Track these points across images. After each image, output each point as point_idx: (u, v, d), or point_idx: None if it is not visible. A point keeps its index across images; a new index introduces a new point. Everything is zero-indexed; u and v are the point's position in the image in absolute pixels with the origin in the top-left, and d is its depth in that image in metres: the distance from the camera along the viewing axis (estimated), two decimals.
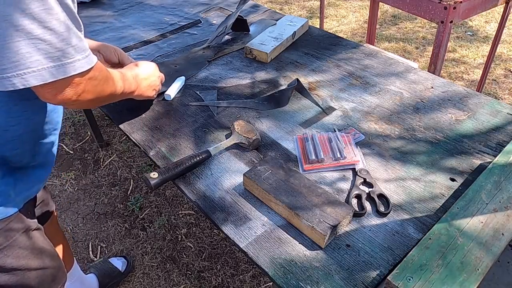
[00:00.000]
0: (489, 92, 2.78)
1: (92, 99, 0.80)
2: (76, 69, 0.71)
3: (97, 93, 0.81)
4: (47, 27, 0.65)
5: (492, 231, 0.76)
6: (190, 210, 2.05)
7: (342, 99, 1.19)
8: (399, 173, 0.95)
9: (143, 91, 1.04)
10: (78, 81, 0.73)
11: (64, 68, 0.69)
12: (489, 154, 0.98)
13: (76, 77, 0.73)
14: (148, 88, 1.05)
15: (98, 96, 0.82)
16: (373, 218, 0.85)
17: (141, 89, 1.03)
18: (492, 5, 1.85)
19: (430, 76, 1.28)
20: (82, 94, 0.76)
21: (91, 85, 0.77)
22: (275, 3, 4.23)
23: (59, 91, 0.72)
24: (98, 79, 0.79)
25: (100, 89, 0.81)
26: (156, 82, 1.09)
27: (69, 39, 0.69)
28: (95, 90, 0.79)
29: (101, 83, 0.81)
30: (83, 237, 1.91)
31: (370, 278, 0.74)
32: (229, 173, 0.97)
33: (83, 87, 0.75)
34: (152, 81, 1.07)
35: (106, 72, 0.84)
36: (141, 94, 1.03)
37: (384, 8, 3.93)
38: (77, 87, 0.74)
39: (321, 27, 2.95)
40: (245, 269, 1.78)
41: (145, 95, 1.06)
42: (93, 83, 0.78)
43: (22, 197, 0.89)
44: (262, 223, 0.85)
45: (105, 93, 0.84)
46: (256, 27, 1.58)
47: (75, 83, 0.73)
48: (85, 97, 0.77)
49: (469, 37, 3.46)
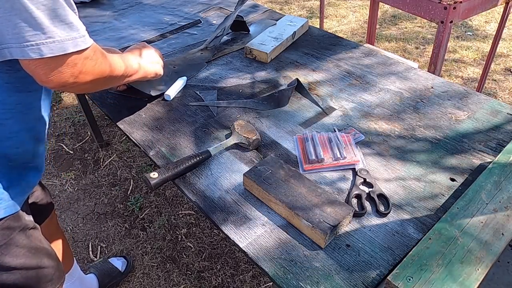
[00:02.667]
0: (489, 92, 2.78)
1: (91, 80, 0.79)
2: (74, 46, 0.71)
3: (96, 74, 0.80)
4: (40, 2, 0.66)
5: (492, 231, 0.76)
6: (190, 210, 2.05)
7: (342, 99, 1.19)
8: (399, 173, 0.95)
9: (148, 67, 1.06)
10: (74, 59, 0.73)
11: (62, 44, 0.69)
12: (489, 154, 0.98)
13: (73, 55, 0.72)
14: (152, 65, 1.08)
15: (97, 77, 0.81)
16: (373, 218, 0.85)
17: (146, 67, 1.05)
18: (492, 5, 1.85)
19: (430, 76, 1.28)
20: (80, 76, 0.75)
21: (89, 65, 0.76)
22: (275, 3, 4.23)
23: (56, 70, 0.71)
24: (95, 59, 0.78)
25: (99, 69, 0.80)
26: (158, 57, 1.12)
27: (64, 16, 0.69)
28: (94, 70, 0.78)
29: (99, 64, 0.80)
30: (83, 237, 1.91)
31: (370, 278, 0.74)
32: (229, 173, 0.97)
33: (80, 67, 0.74)
34: (155, 56, 1.10)
35: (104, 53, 0.84)
36: (146, 71, 1.05)
37: (384, 8, 3.93)
38: (74, 67, 0.73)
39: (321, 27, 2.95)
40: (245, 269, 1.78)
41: (151, 72, 1.08)
42: (91, 63, 0.77)
43: (20, 199, 0.89)
44: (262, 223, 0.85)
45: (105, 73, 0.83)
46: (256, 27, 1.58)
47: (71, 62, 0.73)
48: (83, 78, 0.76)
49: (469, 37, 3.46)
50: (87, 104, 2.16)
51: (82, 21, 0.77)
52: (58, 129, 2.53)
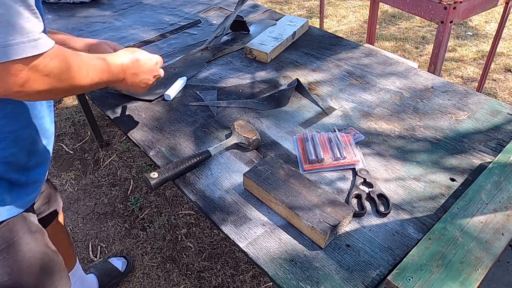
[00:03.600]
0: (489, 92, 2.78)
1: (44, 90, 0.69)
2: (15, 54, 0.61)
3: (50, 84, 0.69)
4: None
5: (492, 231, 0.76)
6: (190, 210, 2.05)
7: (342, 99, 1.19)
8: (399, 173, 0.95)
9: (129, 85, 0.95)
10: (18, 68, 0.63)
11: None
12: (489, 154, 0.98)
13: (16, 64, 0.62)
14: (136, 84, 0.96)
15: (52, 88, 0.70)
16: (373, 218, 0.85)
17: (127, 83, 0.93)
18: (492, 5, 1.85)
19: (430, 76, 1.28)
20: (26, 85, 0.65)
21: (39, 75, 0.66)
22: (275, 3, 4.23)
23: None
24: (51, 68, 0.68)
25: (56, 80, 0.70)
26: (149, 79, 0.99)
27: (8, 15, 0.59)
28: (47, 81, 0.68)
29: (58, 73, 0.69)
30: (83, 237, 1.91)
31: (370, 278, 0.74)
32: (229, 173, 0.97)
33: (25, 76, 0.64)
34: (144, 78, 0.97)
35: (70, 59, 0.73)
36: (126, 88, 0.96)
37: (384, 8, 3.93)
38: (18, 75, 0.63)
39: (321, 27, 2.95)
40: (245, 269, 1.78)
41: (131, 90, 0.99)
42: (43, 73, 0.67)
43: (22, 202, 0.88)
44: (262, 223, 0.85)
45: (64, 84, 0.72)
46: (256, 27, 1.58)
47: (14, 71, 0.62)
48: (31, 87, 0.66)
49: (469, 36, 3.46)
50: (87, 104, 2.16)
51: (82, 21, 0.74)
52: (58, 129, 2.53)
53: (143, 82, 0.98)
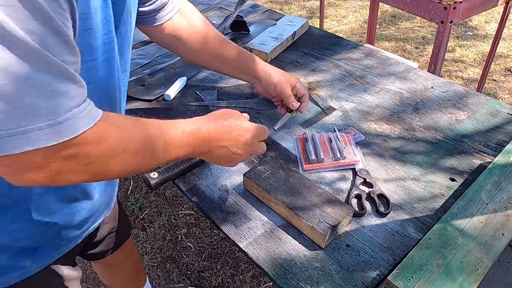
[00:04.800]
0: (489, 92, 2.78)
1: (81, 180, 0.54)
2: (32, 143, 0.45)
3: (90, 172, 0.53)
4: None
5: (492, 231, 0.76)
6: (190, 210, 2.05)
7: (342, 99, 1.19)
8: (399, 173, 0.95)
9: (215, 159, 0.77)
10: (42, 158, 0.47)
11: (6, 140, 0.43)
12: (489, 154, 0.98)
13: (36, 153, 0.46)
14: (224, 158, 0.77)
15: (93, 176, 0.54)
16: (373, 218, 0.85)
17: (213, 155, 0.75)
18: (492, 5, 1.86)
19: (430, 76, 1.28)
20: (59, 176, 0.50)
21: (73, 164, 0.50)
22: (275, 3, 4.23)
23: (13, 169, 0.47)
24: (86, 156, 0.50)
25: (96, 167, 0.53)
26: (240, 155, 0.78)
27: (21, 95, 0.42)
28: (84, 169, 0.52)
29: (97, 160, 0.52)
30: None
31: (370, 278, 0.74)
32: (229, 173, 0.97)
33: (55, 167, 0.48)
34: (235, 153, 0.76)
35: (114, 142, 0.54)
36: (212, 161, 0.79)
37: (384, 8, 3.93)
38: (45, 167, 0.48)
39: (321, 27, 2.95)
40: (245, 269, 1.78)
41: (216, 163, 0.79)
42: (79, 161, 0.50)
43: (49, 258, 0.78)
44: (262, 223, 0.85)
45: (115, 170, 0.56)
46: (256, 27, 1.58)
47: (37, 162, 0.47)
48: (65, 178, 0.51)
49: (469, 37, 3.46)
50: None
51: None
52: None
53: (233, 158, 0.77)
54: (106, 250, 1.18)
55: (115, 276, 1.40)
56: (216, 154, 0.74)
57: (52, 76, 0.44)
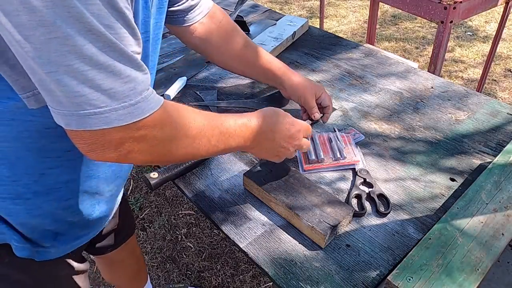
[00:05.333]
0: (489, 92, 2.78)
1: (148, 160, 0.60)
2: (109, 122, 0.51)
3: (155, 153, 0.59)
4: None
5: (492, 231, 0.76)
6: (190, 210, 2.05)
7: (342, 99, 1.19)
8: (399, 173, 0.95)
9: (261, 153, 0.80)
10: (117, 137, 0.53)
11: (87, 119, 0.50)
12: (489, 154, 0.98)
13: (111, 132, 0.52)
14: (270, 152, 0.80)
15: (157, 157, 0.61)
16: (373, 218, 0.85)
17: (260, 150, 0.79)
18: (492, 5, 1.86)
19: (430, 76, 1.28)
20: (130, 155, 0.57)
21: (142, 145, 0.57)
22: (275, 3, 4.23)
23: (93, 146, 0.54)
24: (153, 138, 0.57)
25: (161, 149, 0.59)
26: (287, 149, 0.81)
27: (103, 81, 0.49)
28: (151, 150, 0.58)
29: (162, 142, 0.59)
30: None
31: (370, 278, 0.74)
32: (229, 173, 0.97)
33: (127, 146, 0.55)
34: (281, 147, 0.80)
35: (185, 124, 0.61)
36: (258, 155, 0.83)
37: (384, 8, 3.93)
38: (119, 146, 0.54)
39: (321, 27, 2.95)
40: (245, 269, 1.78)
41: (263, 157, 0.83)
42: (147, 142, 0.57)
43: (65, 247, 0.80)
44: (262, 223, 0.85)
45: (178, 153, 0.62)
46: (256, 27, 1.58)
47: (113, 140, 0.54)
48: (134, 157, 0.58)
49: (469, 37, 3.46)
50: None
51: None
52: None
53: (279, 151, 0.81)
54: (110, 245, 1.20)
55: (117, 273, 1.41)
56: (264, 146, 0.78)
57: (125, 65, 0.50)
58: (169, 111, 0.59)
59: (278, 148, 0.80)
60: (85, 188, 0.74)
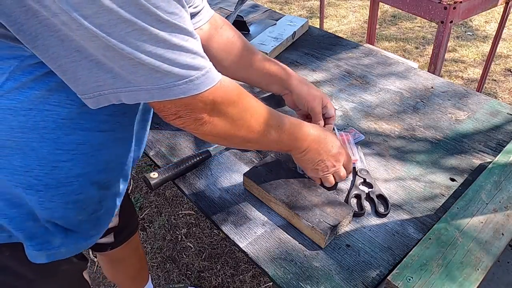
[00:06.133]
0: (489, 92, 2.78)
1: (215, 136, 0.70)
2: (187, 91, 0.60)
3: (216, 134, 0.69)
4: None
5: (492, 231, 0.76)
6: (190, 210, 2.05)
7: (342, 99, 1.19)
8: (399, 173, 0.95)
9: (306, 160, 0.85)
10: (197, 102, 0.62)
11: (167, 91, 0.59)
12: (489, 154, 0.98)
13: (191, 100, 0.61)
14: (314, 162, 0.85)
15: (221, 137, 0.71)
16: (373, 218, 0.85)
17: (306, 156, 0.84)
18: (492, 5, 1.86)
19: (430, 76, 1.28)
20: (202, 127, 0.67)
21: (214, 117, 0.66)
22: (275, 3, 4.23)
23: (173, 114, 0.63)
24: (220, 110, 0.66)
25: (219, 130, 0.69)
26: (329, 166, 0.85)
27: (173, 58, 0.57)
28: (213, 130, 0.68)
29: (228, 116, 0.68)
30: None
31: (370, 278, 0.74)
32: (229, 173, 0.97)
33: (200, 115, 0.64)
34: (325, 162, 0.84)
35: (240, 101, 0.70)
36: (301, 162, 0.86)
37: (384, 8, 3.93)
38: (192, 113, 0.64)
39: (321, 27, 2.95)
40: (245, 269, 1.78)
41: (303, 166, 0.87)
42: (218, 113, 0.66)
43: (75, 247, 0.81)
44: (262, 223, 0.85)
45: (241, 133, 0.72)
46: (256, 27, 1.58)
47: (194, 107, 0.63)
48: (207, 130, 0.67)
49: (469, 37, 3.46)
50: None
51: None
52: None
53: (321, 165, 0.85)
54: (110, 242, 1.20)
55: (118, 271, 1.41)
56: (307, 155, 0.84)
57: (191, 42, 0.59)
58: (230, 83, 0.68)
59: (319, 162, 0.84)
60: (95, 183, 0.75)
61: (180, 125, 0.66)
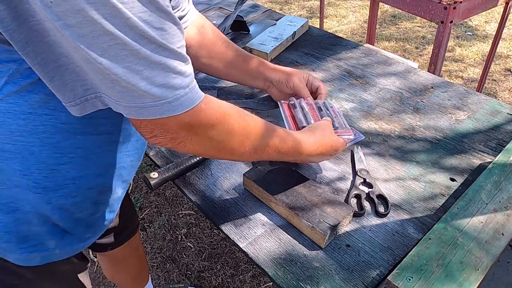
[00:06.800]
0: (489, 92, 2.78)
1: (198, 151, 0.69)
2: (163, 112, 0.58)
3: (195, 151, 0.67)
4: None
5: (492, 231, 0.76)
6: (190, 210, 2.05)
7: (342, 99, 1.19)
8: (399, 173, 0.95)
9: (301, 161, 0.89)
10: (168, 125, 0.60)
11: (144, 110, 0.57)
12: (489, 154, 0.98)
13: (164, 120, 0.59)
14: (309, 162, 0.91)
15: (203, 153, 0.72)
16: (373, 218, 0.85)
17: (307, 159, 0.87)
18: (492, 5, 1.86)
19: (430, 76, 1.28)
20: (180, 146, 0.64)
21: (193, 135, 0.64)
22: (275, 3, 4.23)
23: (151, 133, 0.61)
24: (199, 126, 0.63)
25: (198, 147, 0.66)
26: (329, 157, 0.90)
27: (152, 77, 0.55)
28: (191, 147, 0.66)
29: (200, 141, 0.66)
30: None
31: (370, 278, 0.74)
32: (229, 173, 0.97)
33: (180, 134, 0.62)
34: (321, 161, 0.92)
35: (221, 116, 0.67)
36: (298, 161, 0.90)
37: (384, 8, 3.93)
38: (168, 133, 0.61)
39: (321, 27, 2.95)
40: (245, 269, 1.78)
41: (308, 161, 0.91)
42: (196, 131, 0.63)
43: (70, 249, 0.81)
44: (262, 223, 0.85)
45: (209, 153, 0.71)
46: (256, 27, 1.58)
47: (164, 128, 0.61)
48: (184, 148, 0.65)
49: (469, 37, 3.46)
50: None
51: None
52: None
53: (323, 159, 0.91)
54: (110, 243, 1.20)
55: (119, 271, 1.41)
56: (308, 160, 0.87)
57: (175, 60, 0.56)
58: (211, 101, 0.65)
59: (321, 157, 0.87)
60: (92, 186, 0.75)
61: (157, 143, 0.63)
